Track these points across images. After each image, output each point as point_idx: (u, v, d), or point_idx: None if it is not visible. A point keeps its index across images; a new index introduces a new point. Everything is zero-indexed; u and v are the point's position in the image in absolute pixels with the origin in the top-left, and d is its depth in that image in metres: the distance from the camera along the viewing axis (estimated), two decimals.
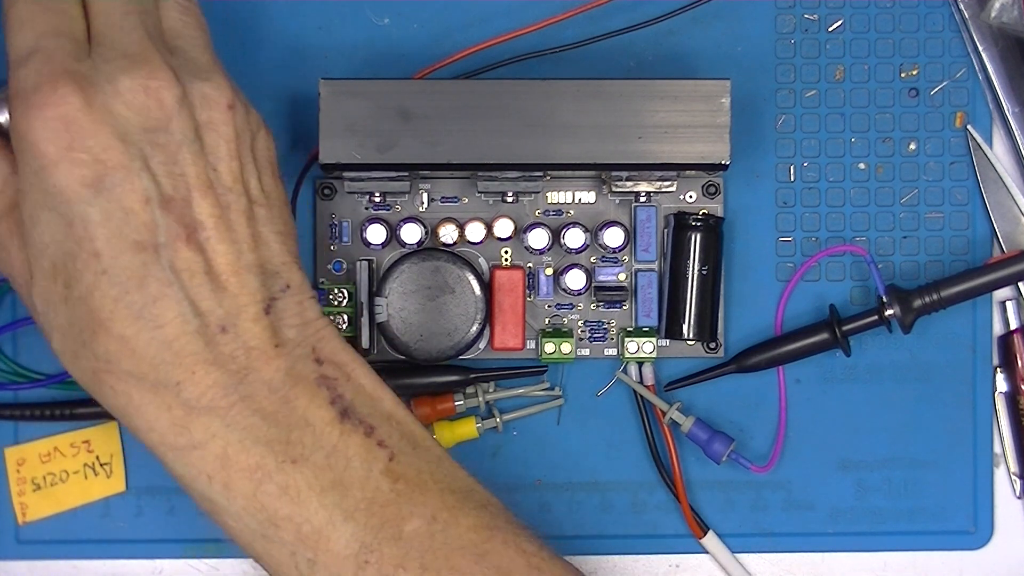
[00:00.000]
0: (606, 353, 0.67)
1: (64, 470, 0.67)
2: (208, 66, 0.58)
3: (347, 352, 0.58)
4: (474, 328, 0.65)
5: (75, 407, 0.66)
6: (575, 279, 0.66)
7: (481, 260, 0.67)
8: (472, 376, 0.66)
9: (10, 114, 0.55)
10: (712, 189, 0.67)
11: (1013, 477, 0.69)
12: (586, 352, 0.67)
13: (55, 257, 0.55)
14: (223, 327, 0.55)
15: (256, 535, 0.56)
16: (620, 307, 0.67)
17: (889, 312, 0.66)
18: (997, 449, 0.69)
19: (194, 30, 0.59)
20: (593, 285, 0.67)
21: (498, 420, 0.67)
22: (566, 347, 0.66)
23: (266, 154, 0.59)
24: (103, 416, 0.66)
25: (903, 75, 0.68)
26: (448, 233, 0.66)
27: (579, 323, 0.67)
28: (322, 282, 0.66)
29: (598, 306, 0.67)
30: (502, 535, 0.57)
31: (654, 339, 0.66)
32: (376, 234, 0.65)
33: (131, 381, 0.55)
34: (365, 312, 0.65)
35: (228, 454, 0.55)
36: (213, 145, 0.56)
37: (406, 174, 0.63)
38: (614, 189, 0.65)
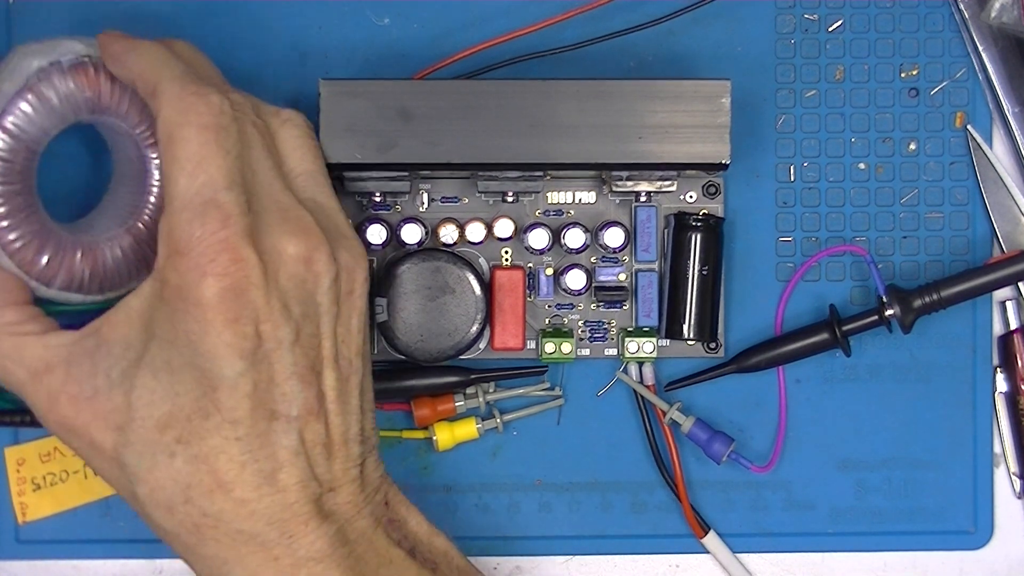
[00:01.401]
0: (606, 353, 0.67)
1: (64, 470, 0.67)
2: (344, 226, 0.58)
3: (402, 497, 0.60)
4: (474, 328, 0.65)
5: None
6: (575, 279, 0.66)
7: (481, 260, 0.67)
8: (472, 376, 0.66)
9: (170, 261, 0.54)
10: (712, 189, 0.67)
11: (1013, 477, 0.69)
12: (586, 352, 0.67)
13: (175, 409, 0.55)
14: (331, 488, 0.57)
15: None
16: (620, 307, 0.67)
17: (889, 312, 0.66)
18: (997, 449, 0.69)
19: (320, 173, 0.59)
20: (593, 285, 0.67)
21: (498, 420, 0.67)
22: (566, 347, 0.66)
23: (368, 314, 0.60)
24: None
25: (903, 75, 0.68)
26: (448, 233, 0.66)
27: (579, 323, 0.67)
28: None
29: (598, 306, 0.67)
30: None
31: (654, 339, 0.66)
32: (376, 234, 0.65)
33: (240, 538, 0.56)
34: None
35: None
36: (347, 316, 0.57)
37: (406, 174, 0.63)
38: (614, 189, 0.65)
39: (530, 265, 0.67)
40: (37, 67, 0.58)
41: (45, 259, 0.59)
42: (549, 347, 0.66)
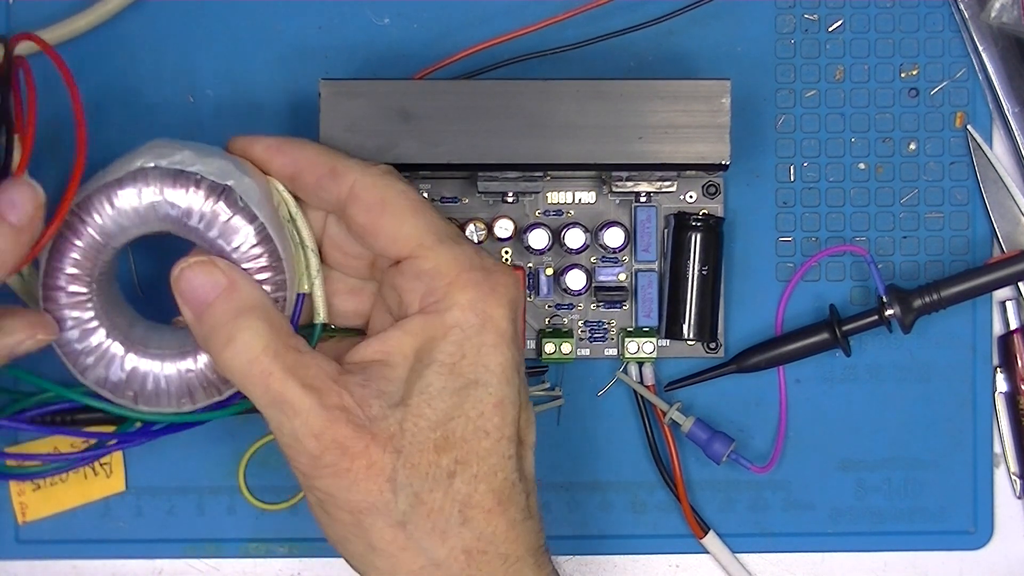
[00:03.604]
0: (606, 353, 0.67)
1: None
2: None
3: None
4: None
5: (75, 414, 0.66)
6: (575, 279, 0.66)
7: None
8: None
9: (464, 292, 0.56)
10: (712, 189, 0.67)
11: (1013, 477, 0.69)
12: (586, 352, 0.67)
13: (450, 432, 0.55)
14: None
15: None
16: (620, 307, 0.67)
17: (889, 312, 0.66)
18: (997, 449, 0.69)
19: None
20: (593, 285, 0.67)
21: None
22: (566, 347, 0.66)
23: None
24: (103, 422, 0.66)
25: (903, 75, 0.68)
26: None
27: (579, 323, 0.67)
28: None
29: (598, 306, 0.67)
30: None
31: (654, 339, 0.66)
32: None
33: (505, 565, 0.56)
34: None
35: None
36: None
37: (406, 174, 0.63)
38: (614, 189, 0.65)
39: (530, 265, 0.67)
40: (140, 165, 0.56)
41: (88, 351, 0.58)
42: (549, 347, 0.66)
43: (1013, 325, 0.68)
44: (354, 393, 0.55)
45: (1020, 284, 0.68)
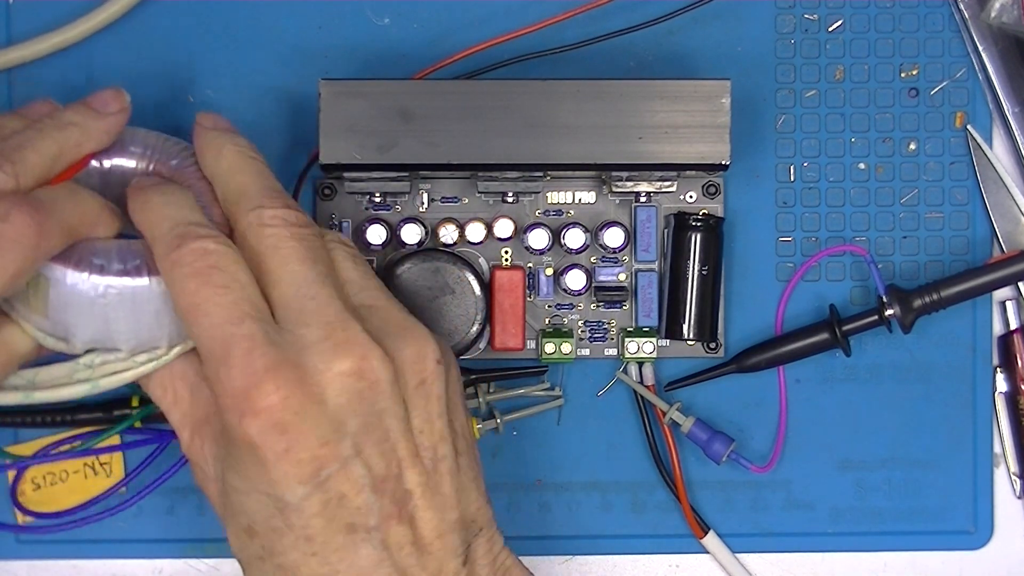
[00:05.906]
0: (606, 353, 0.67)
1: (64, 470, 0.67)
2: (402, 320, 0.56)
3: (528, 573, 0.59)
4: (474, 328, 0.65)
5: (75, 413, 0.66)
6: (575, 279, 0.66)
7: (481, 260, 0.67)
8: (472, 377, 0.66)
9: (223, 412, 0.54)
10: (712, 189, 0.67)
11: (1013, 477, 0.69)
12: (586, 352, 0.67)
13: (256, 524, 0.54)
14: None
15: None
16: (620, 307, 0.67)
17: (889, 312, 0.66)
18: (997, 449, 0.69)
19: (371, 278, 0.58)
20: (593, 285, 0.67)
21: (498, 420, 0.67)
22: (566, 347, 0.66)
23: (458, 389, 0.58)
24: (102, 422, 0.66)
25: (903, 75, 0.68)
26: (448, 233, 0.66)
27: (579, 323, 0.67)
28: None
29: (598, 306, 0.67)
30: None
31: (654, 339, 0.66)
32: (376, 234, 0.65)
33: None
34: None
35: None
36: (423, 407, 0.55)
37: (406, 174, 0.63)
38: (614, 189, 0.65)
39: (530, 265, 0.67)
40: None
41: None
42: (549, 347, 0.66)
43: (1013, 325, 0.68)
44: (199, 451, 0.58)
45: (1020, 284, 0.68)
